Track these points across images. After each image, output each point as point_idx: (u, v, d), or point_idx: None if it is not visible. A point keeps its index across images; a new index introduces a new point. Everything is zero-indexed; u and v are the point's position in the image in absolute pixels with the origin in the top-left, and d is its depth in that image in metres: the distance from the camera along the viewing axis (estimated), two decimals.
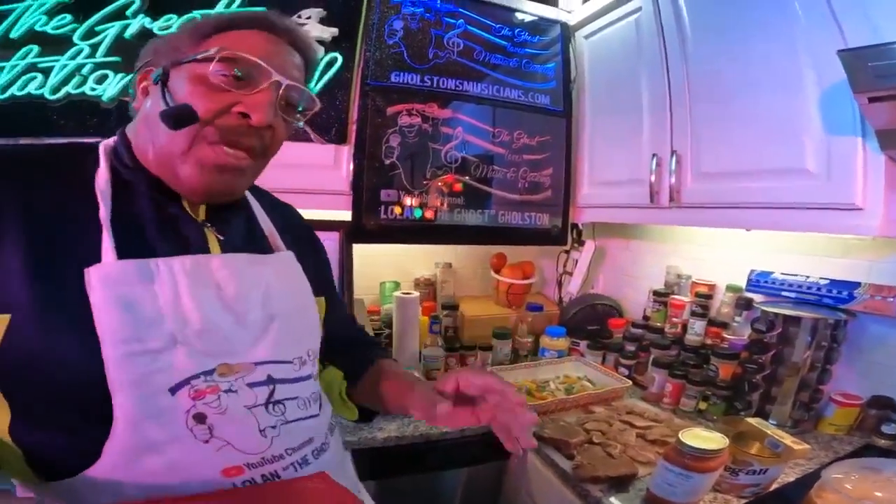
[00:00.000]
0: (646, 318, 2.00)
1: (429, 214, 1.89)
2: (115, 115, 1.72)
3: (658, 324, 1.91)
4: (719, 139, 1.49)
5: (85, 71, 1.75)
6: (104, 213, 0.66)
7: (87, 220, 0.65)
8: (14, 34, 1.73)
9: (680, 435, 1.07)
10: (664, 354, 1.73)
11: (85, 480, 0.60)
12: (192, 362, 0.64)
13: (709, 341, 1.72)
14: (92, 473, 0.60)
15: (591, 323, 2.10)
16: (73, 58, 1.75)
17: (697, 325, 1.74)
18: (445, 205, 1.91)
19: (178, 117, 0.69)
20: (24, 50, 1.73)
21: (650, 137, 1.72)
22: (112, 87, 1.73)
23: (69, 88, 1.72)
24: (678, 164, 1.57)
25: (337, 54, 1.80)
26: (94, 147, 0.75)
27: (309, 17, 1.78)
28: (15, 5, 1.74)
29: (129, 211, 0.69)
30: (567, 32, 2.13)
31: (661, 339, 1.80)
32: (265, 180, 0.88)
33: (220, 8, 1.77)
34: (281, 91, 0.73)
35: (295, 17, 1.78)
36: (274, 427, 0.70)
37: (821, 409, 1.43)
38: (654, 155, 1.65)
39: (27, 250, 0.60)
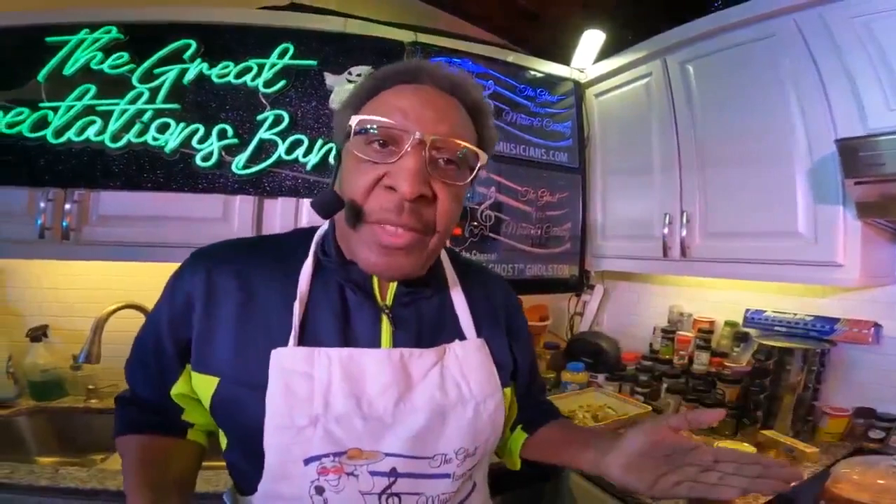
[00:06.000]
0: (653, 351, 2.25)
1: None
2: (179, 168, 1.68)
3: (666, 356, 2.16)
4: (725, 202, 1.72)
5: (146, 118, 1.67)
6: (297, 307, 0.74)
7: (287, 308, 0.74)
8: (68, 71, 1.65)
9: (717, 445, 1.33)
10: (676, 382, 1.99)
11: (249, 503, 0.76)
12: (327, 443, 0.69)
13: (712, 369, 1.97)
14: (251, 499, 0.75)
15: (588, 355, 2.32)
16: (132, 102, 1.66)
17: (703, 356, 2.01)
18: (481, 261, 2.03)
19: (323, 206, 0.70)
20: (79, 89, 1.64)
21: (661, 197, 1.93)
22: (174, 137, 1.68)
23: (130, 136, 1.64)
24: (688, 223, 1.81)
25: None
26: (313, 234, 0.82)
27: (359, 75, 1.80)
28: (67, 37, 1.65)
29: (319, 299, 0.76)
30: (580, 90, 2.32)
31: (672, 369, 2.06)
32: None
33: (273, 58, 1.76)
34: (427, 151, 0.67)
35: (345, 74, 1.80)
36: None
37: (816, 420, 1.66)
38: (665, 214, 1.89)
39: (237, 331, 0.73)
